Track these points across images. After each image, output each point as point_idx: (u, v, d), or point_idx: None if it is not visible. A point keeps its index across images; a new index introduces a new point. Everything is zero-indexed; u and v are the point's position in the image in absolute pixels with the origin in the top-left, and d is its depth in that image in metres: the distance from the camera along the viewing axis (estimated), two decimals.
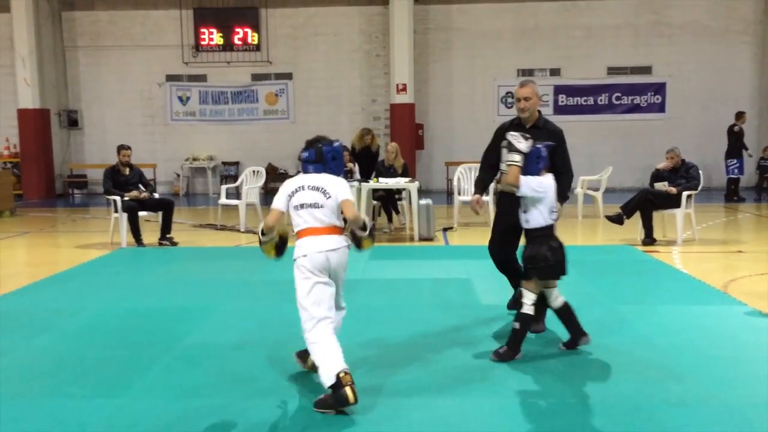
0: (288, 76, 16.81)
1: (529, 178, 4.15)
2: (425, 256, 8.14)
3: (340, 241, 3.77)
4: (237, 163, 16.80)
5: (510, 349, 4.25)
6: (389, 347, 4.62)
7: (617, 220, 8.61)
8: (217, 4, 16.54)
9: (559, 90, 16.34)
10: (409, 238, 9.48)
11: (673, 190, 8.51)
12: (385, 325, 5.16)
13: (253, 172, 11.28)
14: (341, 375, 3.46)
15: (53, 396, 3.81)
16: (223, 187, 11.45)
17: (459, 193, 10.35)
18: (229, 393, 3.83)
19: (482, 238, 9.02)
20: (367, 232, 3.86)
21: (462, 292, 6.22)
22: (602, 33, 16.21)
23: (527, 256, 4.25)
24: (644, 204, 8.55)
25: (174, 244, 9.04)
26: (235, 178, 15.63)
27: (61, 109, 16.76)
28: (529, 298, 4.24)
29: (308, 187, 3.77)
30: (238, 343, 4.72)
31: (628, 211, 8.59)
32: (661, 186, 8.66)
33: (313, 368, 3.72)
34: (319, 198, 3.75)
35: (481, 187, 5.16)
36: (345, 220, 3.83)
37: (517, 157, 4.12)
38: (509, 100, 16.41)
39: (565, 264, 4.28)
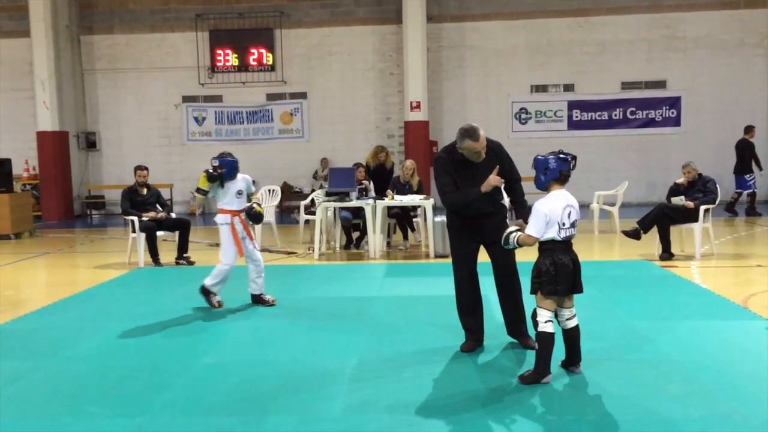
0: (303, 95, 16.96)
1: (531, 224, 4.11)
2: (441, 274, 8.10)
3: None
4: (253, 182, 16.87)
5: (535, 372, 4.12)
6: (404, 365, 4.60)
7: (634, 235, 8.56)
8: (232, 26, 16.77)
9: (573, 105, 16.33)
10: (425, 255, 9.47)
11: (690, 204, 8.44)
12: (400, 342, 5.15)
13: (269, 191, 11.35)
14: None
15: (74, 415, 3.84)
16: None
17: None
18: (246, 411, 3.83)
19: None
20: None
21: None
22: (616, 48, 16.22)
23: (534, 268, 4.16)
24: (661, 219, 8.49)
25: (191, 263, 9.10)
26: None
27: (79, 131, 17.00)
28: (543, 316, 4.11)
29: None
30: (255, 362, 4.74)
31: (645, 225, 8.53)
32: (678, 200, 8.61)
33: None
34: None
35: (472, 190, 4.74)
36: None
37: (513, 234, 4.24)
38: (523, 116, 16.44)
39: (573, 281, 4.12)
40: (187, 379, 4.42)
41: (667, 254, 8.49)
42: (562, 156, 4.15)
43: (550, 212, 4.07)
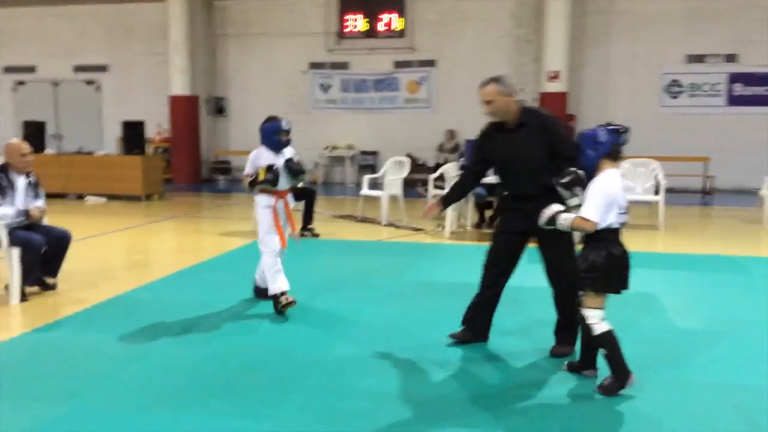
0: (431, 63, 16.13)
1: (590, 206, 3.46)
2: None
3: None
4: (375, 153, 16.40)
5: (615, 378, 3.54)
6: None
7: None
8: None
9: (735, 78, 14.46)
10: None
11: None
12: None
13: (396, 162, 10.71)
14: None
15: (196, 411, 3.34)
16: (366, 177, 10.96)
17: None
18: (395, 421, 3.19)
19: (663, 243, 7.89)
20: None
21: (648, 310, 5.25)
22: None
23: (582, 262, 3.51)
24: None
25: (315, 235, 8.66)
26: (373, 167, 15.21)
27: (209, 96, 17.12)
28: (594, 316, 3.55)
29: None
30: (397, 361, 4.08)
31: None
32: None
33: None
34: None
35: (447, 201, 4.66)
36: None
37: (564, 215, 3.58)
38: (675, 89, 14.79)
39: (625, 276, 3.56)
40: (318, 374, 3.83)
41: None
42: (612, 128, 3.61)
43: (613, 193, 3.50)
